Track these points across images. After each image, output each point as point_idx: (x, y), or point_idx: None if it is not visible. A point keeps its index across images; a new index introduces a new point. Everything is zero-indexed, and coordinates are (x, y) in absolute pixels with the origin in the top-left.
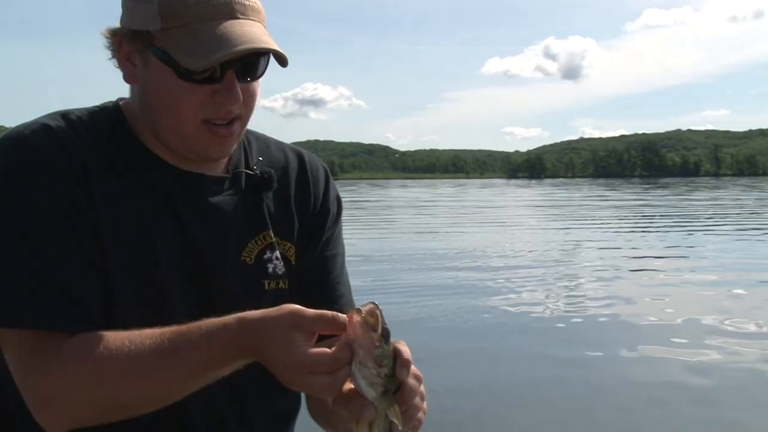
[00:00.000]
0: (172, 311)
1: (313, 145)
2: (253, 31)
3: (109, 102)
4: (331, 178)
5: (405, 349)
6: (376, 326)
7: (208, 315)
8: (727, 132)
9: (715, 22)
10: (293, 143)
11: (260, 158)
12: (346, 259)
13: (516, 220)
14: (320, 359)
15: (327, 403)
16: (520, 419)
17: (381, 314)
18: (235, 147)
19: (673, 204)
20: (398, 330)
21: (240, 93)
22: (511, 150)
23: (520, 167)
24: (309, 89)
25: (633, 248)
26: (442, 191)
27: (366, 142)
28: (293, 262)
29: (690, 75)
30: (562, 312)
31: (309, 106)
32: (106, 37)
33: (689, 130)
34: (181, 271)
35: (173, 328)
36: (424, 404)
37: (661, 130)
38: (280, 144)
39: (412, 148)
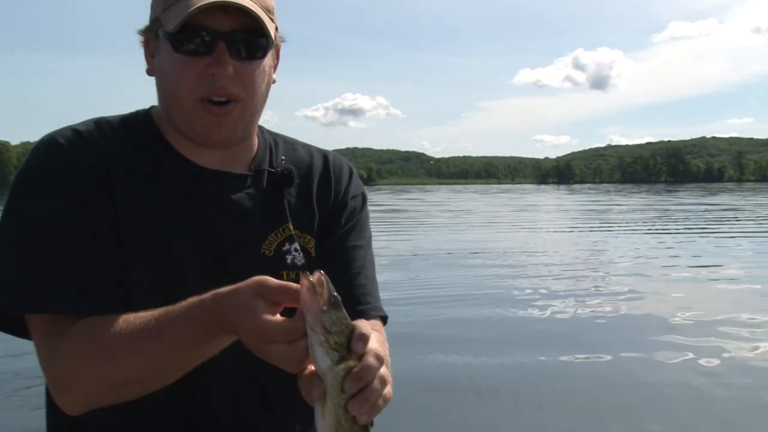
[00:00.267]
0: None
1: (352, 153)
2: None
3: (143, 109)
4: (355, 176)
5: (364, 325)
6: (322, 292)
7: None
8: (751, 139)
9: (739, 33)
10: (334, 151)
11: (283, 158)
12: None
13: (548, 224)
14: (278, 327)
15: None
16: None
17: (327, 281)
18: (258, 146)
19: (697, 208)
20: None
21: (231, 67)
22: (541, 157)
23: (550, 173)
24: (348, 99)
25: (658, 249)
26: (478, 196)
27: (402, 149)
28: (313, 254)
29: (715, 84)
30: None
31: (348, 115)
32: (140, 38)
33: (713, 138)
34: (200, 264)
35: (162, 309)
36: (388, 389)
37: (686, 138)
38: (307, 146)
39: (446, 155)
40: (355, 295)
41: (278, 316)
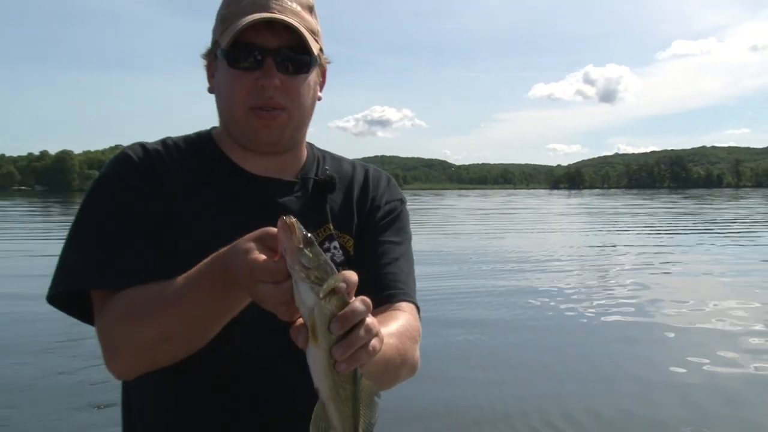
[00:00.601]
0: None
1: (380, 160)
2: (276, 15)
3: (204, 129)
4: (393, 183)
5: (350, 272)
6: (297, 234)
7: None
8: (748, 148)
9: (737, 51)
10: (363, 159)
11: (327, 168)
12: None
13: (562, 225)
14: (265, 265)
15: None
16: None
17: (297, 223)
18: (307, 158)
19: (698, 211)
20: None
21: (278, 80)
22: (554, 164)
23: (562, 179)
24: (377, 111)
25: (660, 248)
26: (497, 199)
27: (426, 157)
28: (352, 252)
29: (714, 98)
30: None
31: (377, 125)
32: (203, 62)
33: (713, 147)
34: None
35: (184, 274)
36: (375, 342)
37: (688, 147)
38: (352, 161)
39: (467, 163)
40: (386, 281)
41: (266, 258)
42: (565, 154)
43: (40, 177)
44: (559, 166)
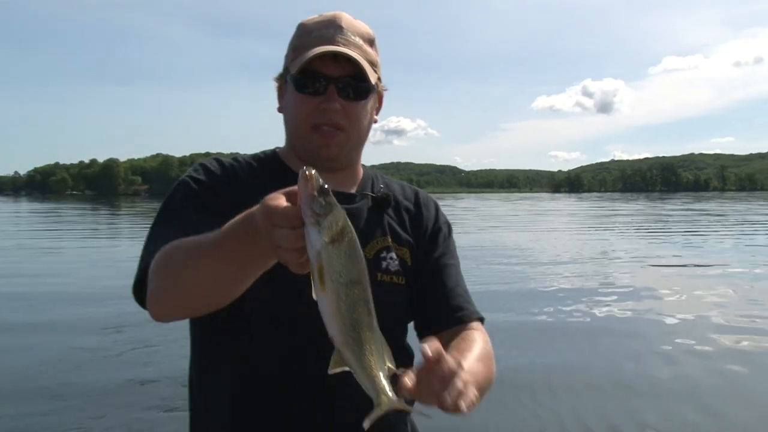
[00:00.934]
0: (299, 289)
1: (396, 167)
2: (340, 49)
3: (269, 149)
4: (441, 208)
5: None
6: (313, 182)
7: None
8: (732, 155)
9: (722, 66)
10: (380, 165)
11: (382, 186)
12: None
13: (565, 225)
14: (282, 210)
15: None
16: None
17: (317, 174)
18: (363, 176)
19: (687, 213)
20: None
21: (339, 104)
22: (555, 170)
23: (562, 184)
24: (393, 121)
25: (651, 246)
26: (505, 203)
27: (438, 163)
28: (409, 263)
29: (702, 109)
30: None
31: (393, 135)
32: (275, 84)
33: (701, 154)
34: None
35: (222, 227)
36: (472, 393)
37: (678, 154)
38: (401, 183)
39: (475, 168)
40: (455, 303)
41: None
42: (565, 160)
43: (89, 182)
44: (560, 171)
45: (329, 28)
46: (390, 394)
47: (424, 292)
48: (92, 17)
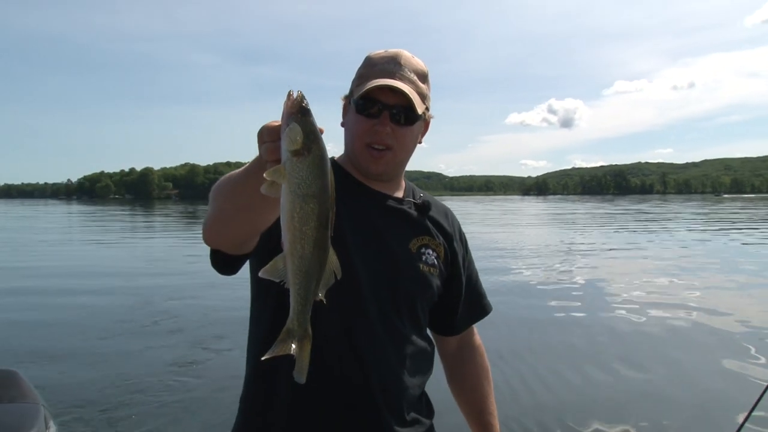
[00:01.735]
0: (353, 269)
1: None
2: (396, 82)
3: (330, 156)
4: (457, 218)
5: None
6: (293, 99)
7: (382, 278)
8: (672, 164)
9: (662, 89)
10: None
11: (422, 195)
12: None
13: (532, 221)
14: (268, 127)
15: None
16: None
17: (301, 94)
18: (406, 187)
19: (636, 212)
20: None
21: (389, 128)
22: (525, 176)
23: (531, 188)
24: None
25: (607, 240)
26: (483, 205)
27: (425, 170)
28: (442, 258)
29: (647, 125)
30: (556, 277)
31: None
32: (342, 102)
33: (647, 162)
34: (367, 250)
35: None
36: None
37: (628, 162)
38: (433, 197)
39: (457, 174)
40: (478, 295)
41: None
42: (534, 167)
43: (129, 188)
44: (529, 177)
45: (390, 64)
46: (299, 322)
47: (454, 287)
48: (133, 48)
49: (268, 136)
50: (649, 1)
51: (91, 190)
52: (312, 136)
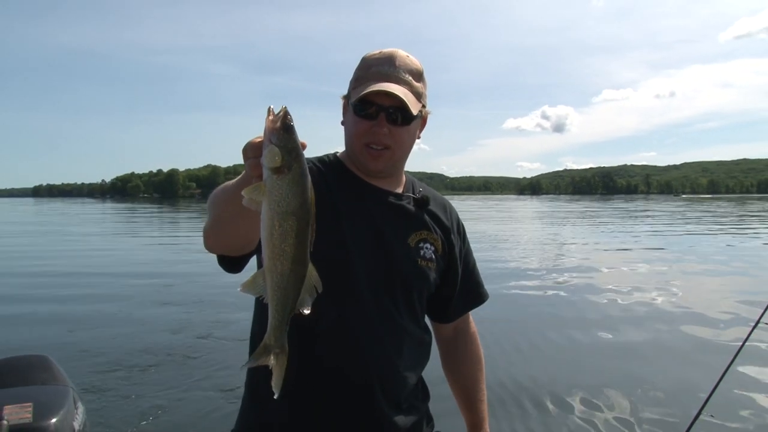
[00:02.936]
0: (352, 265)
1: None
2: (392, 85)
3: (332, 152)
4: (455, 210)
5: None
6: (275, 116)
7: (380, 273)
8: (655, 166)
9: (646, 98)
10: None
11: (421, 189)
12: None
13: (525, 218)
14: (251, 143)
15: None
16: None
17: (285, 110)
18: (405, 181)
19: (622, 210)
20: None
21: (387, 128)
22: (521, 177)
23: (526, 188)
24: None
25: (595, 236)
26: (483, 203)
27: (428, 171)
28: (440, 252)
29: (632, 130)
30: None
31: None
32: (341, 101)
33: (632, 165)
34: (366, 246)
35: None
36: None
37: (615, 164)
38: (432, 190)
39: (458, 175)
40: (476, 282)
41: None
42: (528, 169)
43: (156, 188)
44: (524, 178)
45: (385, 65)
46: (276, 337)
47: (451, 276)
48: (159, 61)
49: (251, 152)
50: (632, 16)
51: (123, 190)
52: (293, 153)
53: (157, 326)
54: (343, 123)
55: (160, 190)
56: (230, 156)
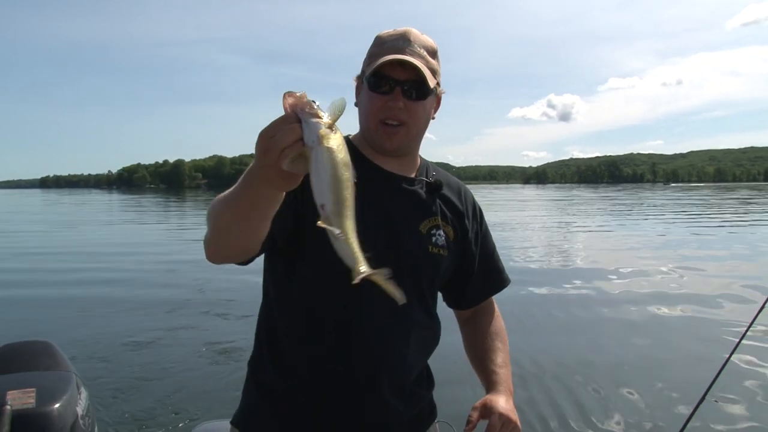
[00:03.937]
0: (354, 298)
1: None
2: (406, 58)
3: (345, 135)
4: (471, 193)
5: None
6: (300, 93)
7: (389, 261)
8: (661, 155)
9: (653, 86)
10: None
11: (434, 173)
12: None
13: (532, 207)
14: (276, 120)
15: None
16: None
17: (305, 95)
18: (420, 164)
19: (627, 199)
20: None
21: (402, 103)
22: (527, 165)
23: (532, 177)
24: None
25: (598, 222)
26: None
27: (434, 161)
28: (452, 239)
29: (638, 119)
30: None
31: None
32: (354, 83)
33: (638, 153)
34: (377, 233)
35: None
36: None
37: (621, 153)
38: (447, 173)
39: (464, 165)
40: (497, 267)
41: None
42: (534, 158)
43: (162, 178)
44: (530, 167)
45: (399, 41)
46: (365, 265)
47: (467, 261)
48: (166, 52)
49: (283, 122)
50: (638, 5)
51: (129, 180)
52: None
53: (161, 309)
54: (356, 104)
55: (167, 180)
56: (236, 146)
